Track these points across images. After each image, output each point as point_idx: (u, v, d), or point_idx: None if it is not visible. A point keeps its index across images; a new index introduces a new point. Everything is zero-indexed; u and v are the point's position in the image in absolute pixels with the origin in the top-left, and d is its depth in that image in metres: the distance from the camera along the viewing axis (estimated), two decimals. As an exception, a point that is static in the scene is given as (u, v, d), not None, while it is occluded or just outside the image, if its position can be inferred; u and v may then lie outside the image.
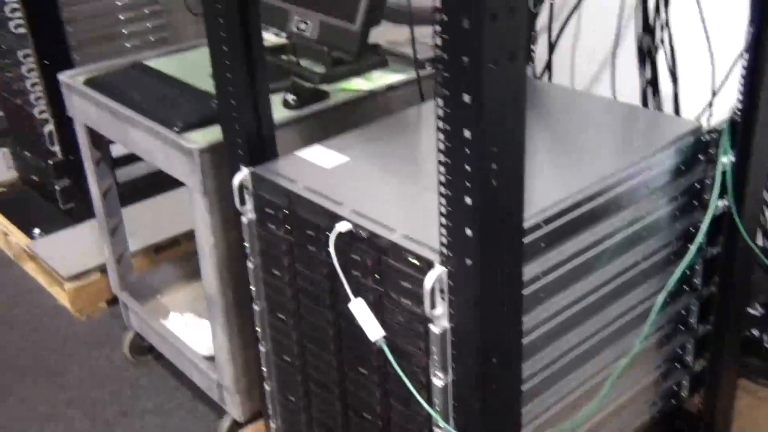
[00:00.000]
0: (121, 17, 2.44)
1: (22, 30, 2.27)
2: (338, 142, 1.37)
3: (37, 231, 2.47)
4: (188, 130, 1.55)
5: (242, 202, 1.29)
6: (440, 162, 0.94)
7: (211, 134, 1.53)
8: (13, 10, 2.24)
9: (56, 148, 2.43)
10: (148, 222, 2.40)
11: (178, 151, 1.52)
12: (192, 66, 1.89)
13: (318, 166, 1.28)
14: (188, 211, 2.44)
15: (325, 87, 1.71)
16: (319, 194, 1.18)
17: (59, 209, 2.53)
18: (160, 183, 2.53)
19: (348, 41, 1.69)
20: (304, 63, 1.81)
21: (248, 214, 1.30)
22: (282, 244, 1.25)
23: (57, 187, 2.47)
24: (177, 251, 2.40)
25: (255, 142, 1.28)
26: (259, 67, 1.24)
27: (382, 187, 1.22)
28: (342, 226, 1.11)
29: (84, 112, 1.82)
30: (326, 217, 1.15)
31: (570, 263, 1.16)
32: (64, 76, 1.84)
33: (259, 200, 1.26)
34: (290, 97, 1.63)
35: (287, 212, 1.22)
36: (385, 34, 1.83)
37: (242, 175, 1.28)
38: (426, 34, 1.97)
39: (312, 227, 1.17)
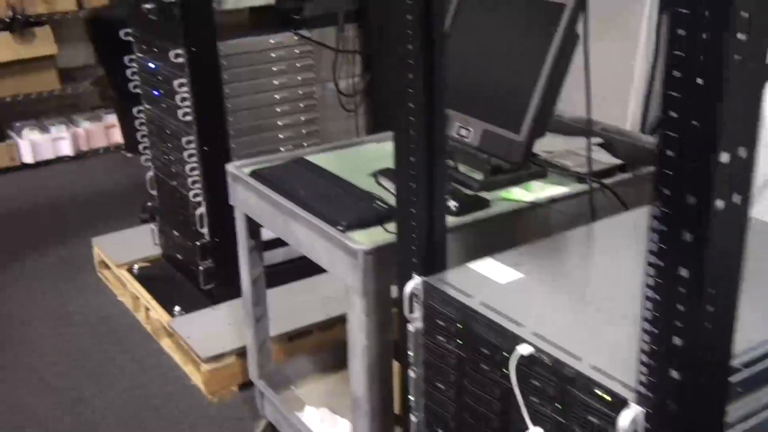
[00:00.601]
0: (278, 110, 2.55)
1: (188, 118, 2.40)
2: (510, 256, 1.35)
3: (177, 309, 2.55)
4: (351, 229, 1.57)
5: (411, 310, 1.28)
6: (647, 297, 0.90)
7: (374, 235, 1.55)
8: (183, 99, 2.38)
9: (205, 231, 2.52)
10: (284, 309, 2.43)
11: (342, 250, 1.54)
12: (351, 163, 1.93)
13: (492, 281, 1.26)
14: (323, 301, 2.49)
15: (484, 194, 1.71)
16: (498, 312, 1.15)
17: (199, 289, 2.60)
18: (295, 270, 2.58)
19: (512, 151, 1.69)
20: (461, 168, 1.82)
21: (416, 322, 1.28)
22: (451, 357, 1.22)
23: (201, 268, 2.55)
24: (309, 341, 2.42)
25: (428, 251, 1.27)
26: (440, 174, 1.25)
27: (561, 308, 1.18)
28: (523, 349, 1.08)
29: (246, 202, 1.89)
30: (505, 337, 1.11)
31: None
32: (231, 167, 1.92)
33: (430, 310, 1.25)
34: (452, 204, 1.63)
35: (460, 326, 1.19)
36: (541, 143, 1.82)
37: (414, 283, 1.27)
38: (581, 146, 1.97)
39: (488, 345, 1.14)
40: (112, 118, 4.40)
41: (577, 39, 1.63)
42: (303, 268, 2.57)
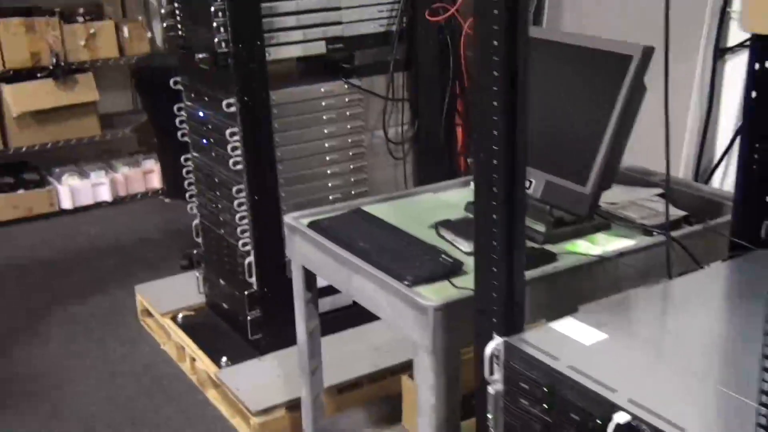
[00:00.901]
0: (327, 158, 2.55)
1: (239, 167, 2.40)
2: (591, 315, 1.31)
3: (224, 359, 2.52)
4: (418, 284, 1.55)
5: (491, 371, 1.24)
6: (765, 369, 0.86)
7: (441, 291, 1.52)
8: (234, 148, 2.39)
9: (253, 280, 2.50)
10: (333, 360, 2.39)
11: (409, 306, 1.50)
12: (409, 214, 1.91)
13: (576, 342, 1.22)
14: (372, 351, 2.45)
15: (549, 247, 1.68)
16: (588, 377, 1.11)
17: (246, 339, 2.57)
18: (342, 318, 2.55)
19: (578, 203, 1.67)
20: (523, 220, 1.79)
21: (497, 385, 1.24)
22: (536, 423, 1.17)
23: (248, 318, 2.53)
24: (359, 393, 2.37)
25: (508, 310, 1.24)
26: (520, 230, 1.22)
27: (653, 372, 1.14)
28: (620, 417, 1.03)
29: (304, 254, 1.86)
30: (599, 403, 1.07)
31: None
32: (289, 218, 1.91)
33: (512, 372, 1.21)
34: (519, 258, 1.60)
35: (546, 390, 1.15)
36: (604, 194, 1.79)
37: (495, 344, 1.23)
38: (642, 196, 1.94)
39: (579, 412, 1.10)
40: (150, 164, 4.44)
41: (644, 90, 1.61)
42: (350, 317, 2.54)
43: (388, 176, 2.66)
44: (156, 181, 4.43)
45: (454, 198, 2.03)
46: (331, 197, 2.57)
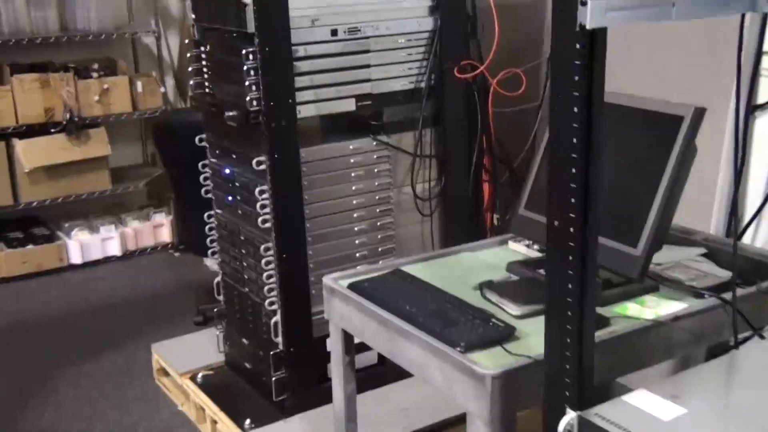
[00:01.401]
0: (354, 215, 2.52)
1: (267, 225, 2.37)
2: (663, 386, 1.27)
3: (248, 422, 2.44)
4: (471, 350, 1.50)
5: (565, 446, 1.20)
6: None
7: (496, 357, 1.48)
8: (263, 206, 2.36)
9: (279, 340, 2.45)
10: (364, 422, 2.32)
11: (463, 373, 1.46)
12: (450, 275, 1.88)
13: (654, 417, 1.18)
14: (400, 413, 2.38)
15: (598, 310, 1.64)
16: (676, 455, 1.07)
17: (269, 400, 2.50)
18: (367, 378, 2.49)
19: (629, 266, 1.63)
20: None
21: (571, 460, 1.19)
22: (617, 502, 1.13)
23: (273, 378, 2.46)
24: (390, 457, 2.30)
25: (582, 382, 1.20)
26: (591, 302, 1.19)
27: (740, 450, 1.10)
28: (717, 500, 0.99)
29: (344, 317, 1.82)
30: (690, 484, 1.03)
31: None
32: (328, 280, 1.87)
33: (590, 449, 1.16)
34: (572, 322, 1.56)
35: (629, 468, 1.11)
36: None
37: (569, 419, 1.19)
38: (688, 256, 1.91)
39: (668, 492, 1.05)
40: (159, 218, 4.40)
41: (695, 151, 1.60)
42: (376, 376, 2.49)
43: (416, 233, 2.63)
44: (166, 235, 4.39)
45: (493, 258, 2.00)
46: (358, 254, 2.53)
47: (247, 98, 2.28)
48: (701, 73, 2.37)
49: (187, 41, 2.63)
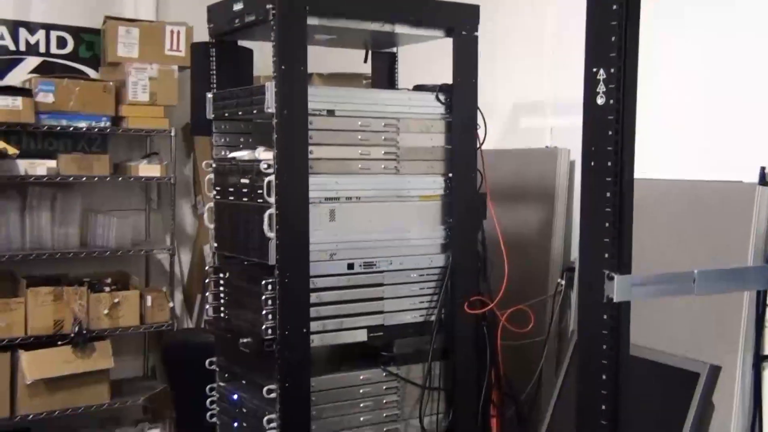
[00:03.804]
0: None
1: None
2: None
3: None
4: None
5: None
6: None
7: None
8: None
9: None
10: None
11: None
12: None
13: None
14: None
15: None
16: None
17: None
18: None
19: None
20: None
21: None
22: None
23: None
24: None
25: None
26: None
27: None
28: None
29: None
30: None
31: None
32: None
33: None
34: None
35: None
36: None
37: None
38: None
39: None
40: (154, 434, 4.28)
41: (712, 409, 1.63)
42: None
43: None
44: (159, 455, 4.24)
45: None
46: (363, 490, 2.45)
47: (263, 326, 2.33)
48: (708, 326, 2.43)
49: (207, 267, 2.73)
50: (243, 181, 2.50)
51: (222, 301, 2.62)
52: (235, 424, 2.55)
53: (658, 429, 1.64)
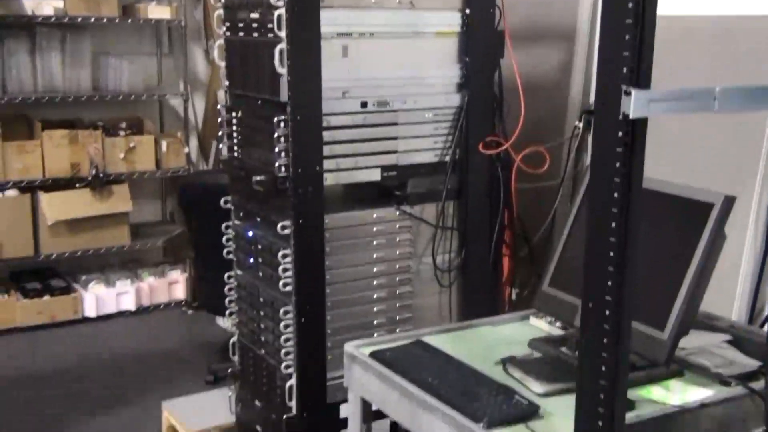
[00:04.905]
0: (374, 282, 2.53)
1: (288, 288, 2.39)
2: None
3: (258, 487, 2.41)
4: (493, 426, 1.50)
5: None
6: None
7: (520, 435, 1.48)
8: (285, 269, 2.38)
9: (293, 404, 2.43)
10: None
11: (487, 450, 1.45)
12: (472, 348, 1.88)
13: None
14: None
15: (622, 392, 1.64)
16: None
17: (280, 465, 2.48)
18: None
19: (655, 349, 1.64)
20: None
21: None
22: None
23: (285, 443, 2.44)
24: None
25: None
26: (623, 387, 1.19)
27: None
28: None
29: (364, 385, 1.82)
30: None
31: None
32: (350, 347, 1.88)
33: None
34: (596, 403, 1.55)
35: None
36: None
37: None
38: (711, 342, 1.91)
39: None
40: (174, 275, 4.43)
41: (724, 238, 1.62)
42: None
43: (434, 303, 2.64)
44: (179, 292, 4.41)
45: (514, 333, 2.00)
46: (375, 322, 2.54)
47: (276, 164, 2.32)
48: (726, 159, 2.41)
49: (219, 106, 2.69)
50: (253, 15, 2.41)
51: (235, 140, 2.61)
52: (251, 260, 2.60)
53: (668, 260, 1.65)
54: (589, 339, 1.18)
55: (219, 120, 2.68)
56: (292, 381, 2.43)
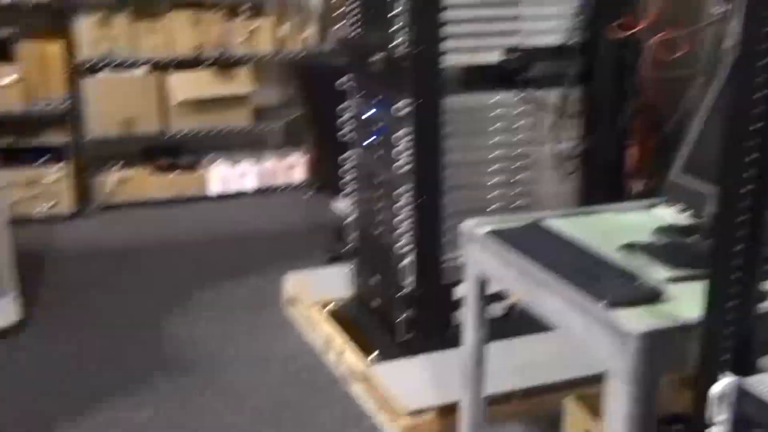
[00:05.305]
0: (491, 168, 2.52)
1: (405, 169, 2.41)
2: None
3: (374, 355, 2.53)
4: (615, 306, 1.49)
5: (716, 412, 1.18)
6: None
7: (641, 317, 1.46)
8: (403, 150, 2.40)
9: (408, 281, 2.51)
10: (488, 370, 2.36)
11: (607, 329, 1.45)
12: (593, 233, 1.85)
13: (814, 391, 1.14)
14: (526, 366, 2.40)
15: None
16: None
17: (395, 338, 2.58)
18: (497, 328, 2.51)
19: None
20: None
21: (721, 426, 1.18)
22: (766, 471, 1.11)
23: (400, 318, 2.53)
24: (509, 408, 2.33)
25: (743, 347, 1.17)
26: (761, 260, 1.15)
27: None
28: None
29: (482, 264, 1.84)
30: None
31: None
32: (467, 226, 1.89)
33: (743, 417, 1.14)
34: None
35: (781, 438, 1.08)
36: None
37: (725, 384, 1.17)
38: None
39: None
40: (294, 158, 4.55)
41: None
42: (499, 329, 2.50)
43: (552, 191, 2.60)
44: (298, 175, 4.54)
45: (638, 220, 1.95)
46: (491, 207, 2.54)
47: (394, 43, 2.30)
48: None
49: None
50: None
51: (354, 20, 2.59)
52: (369, 141, 2.63)
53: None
54: (725, 220, 1.14)
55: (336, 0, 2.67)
56: (409, 259, 2.49)
